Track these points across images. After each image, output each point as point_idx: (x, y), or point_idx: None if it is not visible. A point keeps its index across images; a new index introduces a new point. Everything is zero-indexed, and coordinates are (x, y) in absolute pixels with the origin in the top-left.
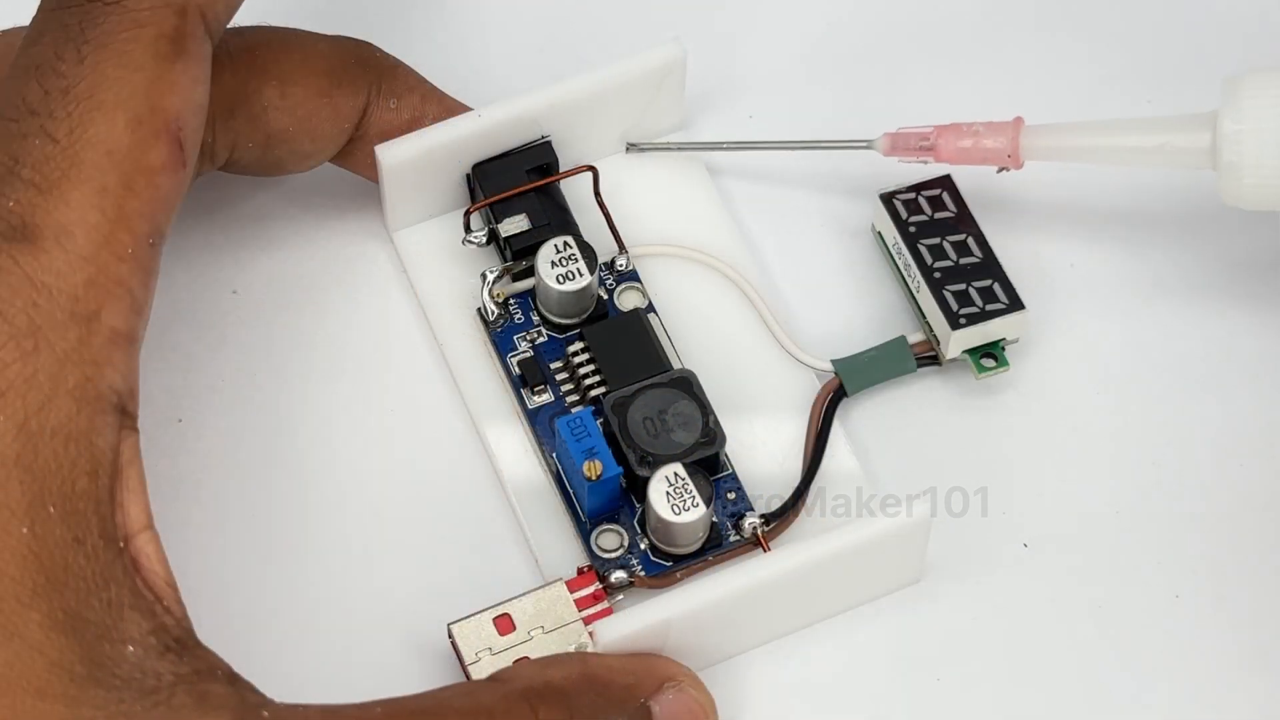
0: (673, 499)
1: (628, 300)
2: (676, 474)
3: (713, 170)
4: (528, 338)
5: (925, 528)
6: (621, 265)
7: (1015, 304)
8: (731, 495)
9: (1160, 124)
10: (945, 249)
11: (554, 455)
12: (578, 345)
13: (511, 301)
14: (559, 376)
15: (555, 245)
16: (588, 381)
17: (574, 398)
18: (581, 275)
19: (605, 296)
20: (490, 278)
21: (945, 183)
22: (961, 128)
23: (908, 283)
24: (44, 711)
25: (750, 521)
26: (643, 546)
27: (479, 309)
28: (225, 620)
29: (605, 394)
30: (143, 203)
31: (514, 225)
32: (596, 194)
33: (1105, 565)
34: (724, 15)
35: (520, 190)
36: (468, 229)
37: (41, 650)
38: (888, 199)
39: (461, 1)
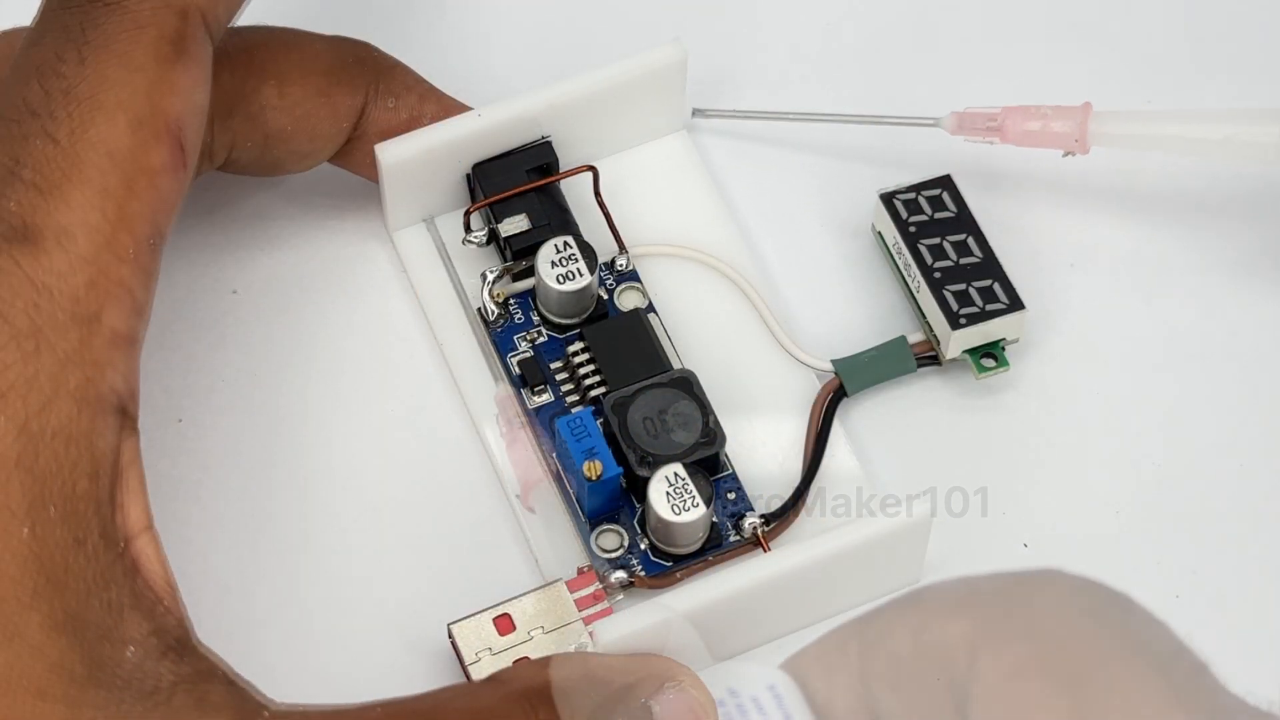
0: (673, 499)
1: (628, 300)
2: (676, 474)
3: (713, 170)
4: (528, 338)
5: (925, 528)
6: (621, 265)
7: (1015, 304)
8: (731, 495)
9: (1229, 115)
10: (945, 249)
11: (554, 455)
12: (578, 345)
13: (511, 301)
14: (559, 376)
15: (555, 245)
16: (588, 381)
17: (574, 398)
18: (581, 275)
19: (605, 296)
20: (490, 278)
21: (945, 183)
22: (1030, 110)
23: (908, 283)
24: (44, 712)
25: (750, 521)
26: (643, 546)
27: (479, 309)
28: (225, 620)
29: (605, 394)
30: (144, 204)
31: (514, 225)
32: (596, 194)
33: (1105, 565)
34: (724, 15)
35: (520, 190)
36: (468, 229)
37: (42, 651)
38: (888, 199)
39: (461, 1)
